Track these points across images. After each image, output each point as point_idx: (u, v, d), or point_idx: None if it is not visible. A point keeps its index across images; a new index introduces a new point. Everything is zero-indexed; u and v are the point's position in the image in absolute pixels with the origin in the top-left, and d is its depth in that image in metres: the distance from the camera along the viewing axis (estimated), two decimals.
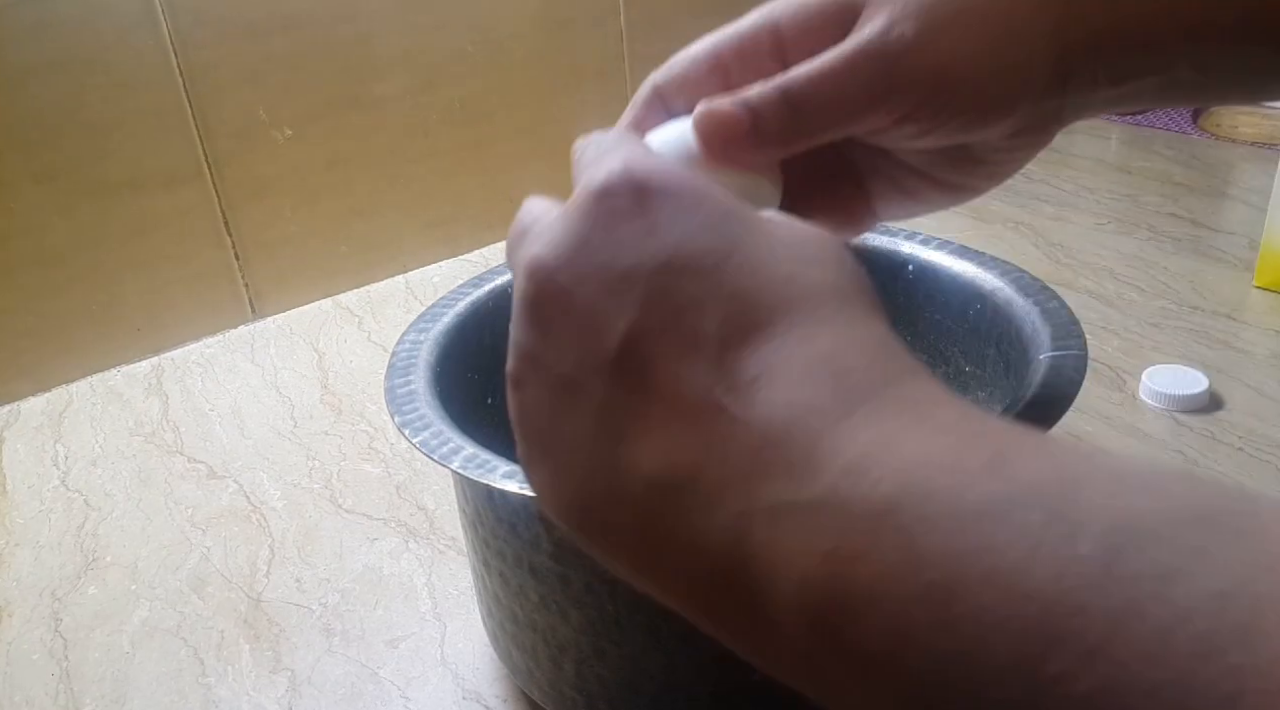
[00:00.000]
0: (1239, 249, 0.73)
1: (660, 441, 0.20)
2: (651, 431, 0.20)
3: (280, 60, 0.71)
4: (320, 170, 0.76)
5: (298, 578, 0.49)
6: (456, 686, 0.42)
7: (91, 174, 0.67)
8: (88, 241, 0.68)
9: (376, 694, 0.42)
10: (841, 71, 0.27)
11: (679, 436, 0.20)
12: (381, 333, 0.73)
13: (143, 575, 0.50)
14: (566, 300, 0.22)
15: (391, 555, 0.50)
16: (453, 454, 0.32)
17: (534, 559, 0.33)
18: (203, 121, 0.70)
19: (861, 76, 0.27)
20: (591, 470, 0.21)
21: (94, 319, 0.70)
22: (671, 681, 0.34)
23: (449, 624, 0.45)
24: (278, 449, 0.60)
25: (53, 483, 0.59)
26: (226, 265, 0.74)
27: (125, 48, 0.65)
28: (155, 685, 0.44)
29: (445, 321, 0.42)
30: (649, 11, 0.86)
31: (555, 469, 0.22)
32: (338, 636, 0.45)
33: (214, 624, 0.47)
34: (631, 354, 0.21)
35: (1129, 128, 1.01)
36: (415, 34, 0.77)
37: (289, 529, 0.53)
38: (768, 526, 0.18)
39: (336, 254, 0.79)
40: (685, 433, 0.20)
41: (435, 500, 0.54)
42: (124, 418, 0.65)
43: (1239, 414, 0.55)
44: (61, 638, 0.47)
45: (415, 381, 0.37)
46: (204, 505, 0.55)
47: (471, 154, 0.83)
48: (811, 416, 0.18)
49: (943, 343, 0.44)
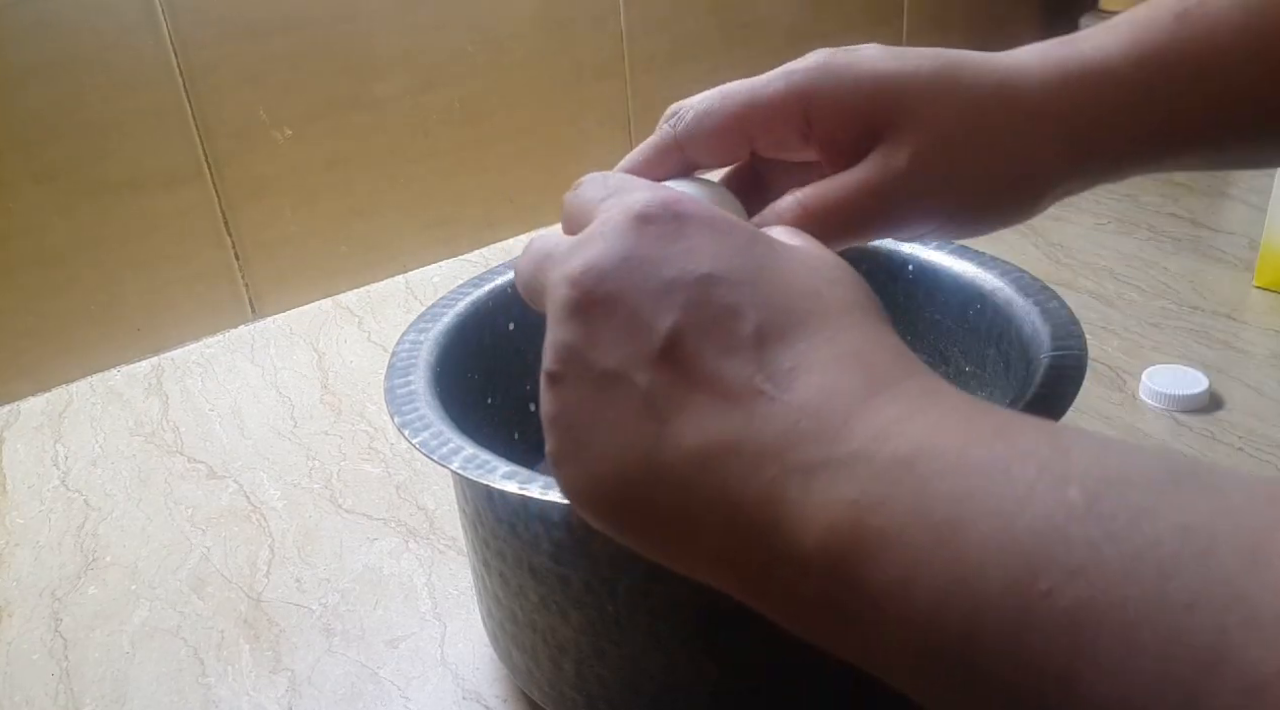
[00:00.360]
0: (1239, 249, 0.73)
1: (703, 420, 0.22)
2: (694, 413, 0.22)
3: (280, 60, 0.71)
4: (320, 170, 0.76)
5: (298, 578, 0.49)
6: (456, 687, 0.42)
7: (91, 174, 0.67)
8: (87, 241, 0.68)
9: (376, 694, 0.42)
10: (854, 202, 0.30)
11: (721, 416, 0.22)
12: (381, 333, 0.73)
13: (143, 575, 0.50)
14: (613, 303, 0.23)
15: (391, 555, 0.50)
16: (452, 454, 0.32)
17: (534, 559, 0.33)
18: (203, 121, 0.70)
19: (873, 210, 0.31)
20: (633, 451, 0.23)
21: (94, 319, 0.70)
22: (671, 681, 0.34)
23: (449, 624, 0.45)
24: (278, 449, 0.60)
25: (53, 483, 0.59)
26: (226, 265, 0.74)
27: (125, 48, 0.65)
28: (155, 685, 0.44)
29: (445, 321, 0.42)
30: (649, 11, 0.86)
31: (594, 457, 0.23)
32: (338, 636, 0.45)
33: (214, 624, 0.47)
34: (675, 349, 0.22)
35: None
36: (415, 34, 0.77)
37: (289, 529, 0.53)
38: (800, 484, 0.20)
39: (336, 254, 0.79)
40: (727, 413, 0.22)
41: (435, 500, 0.54)
42: (124, 418, 0.65)
43: (1239, 414, 0.55)
44: (61, 638, 0.47)
45: (415, 381, 0.37)
46: (204, 505, 0.55)
47: (471, 154, 0.83)
48: (842, 397, 0.21)
49: (943, 343, 0.44)
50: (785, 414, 0.21)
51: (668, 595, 0.32)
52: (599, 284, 0.23)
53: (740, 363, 0.22)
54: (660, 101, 0.32)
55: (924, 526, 0.18)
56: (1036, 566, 0.16)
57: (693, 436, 0.22)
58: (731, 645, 0.33)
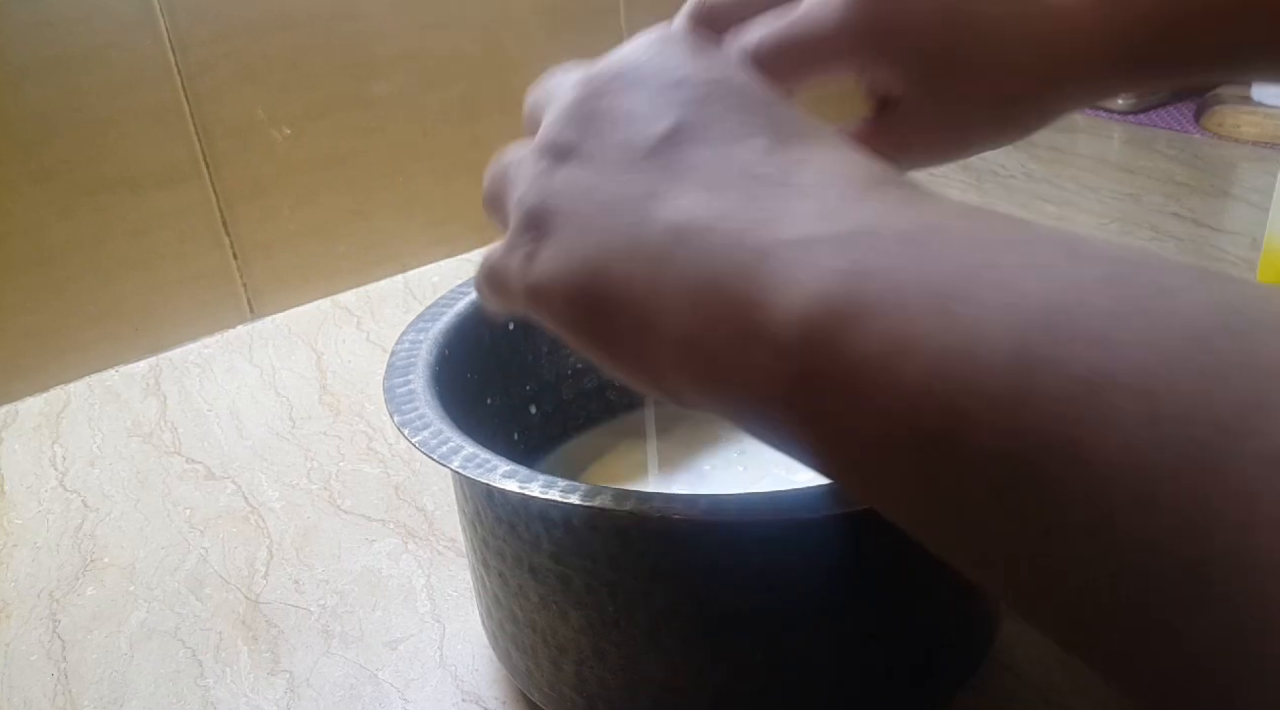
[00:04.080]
0: (1241, 248, 0.73)
1: (692, 196, 0.21)
2: (684, 192, 0.21)
3: (279, 59, 0.71)
4: (319, 169, 0.76)
5: (296, 579, 0.49)
6: (456, 688, 0.42)
7: (89, 173, 0.67)
8: (85, 241, 0.68)
9: (375, 695, 0.42)
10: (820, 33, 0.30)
11: (712, 193, 0.20)
12: (380, 333, 0.73)
13: (141, 576, 0.50)
14: (616, 99, 0.22)
15: (390, 556, 0.50)
16: (452, 454, 0.32)
17: (533, 559, 0.33)
18: (201, 120, 0.70)
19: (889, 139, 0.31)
20: (613, 227, 0.21)
21: (91, 319, 0.70)
22: (671, 682, 0.34)
23: (448, 625, 0.45)
24: (276, 449, 0.60)
25: (50, 483, 0.59)
26: (225, 265, 0.74)
27: (123, 47, 0.65)
28: (153, 686, 0.43)
29: (444, 321, 0.41)
30: (649, 11, 0.86)
31: (573, 234, 0.22)
32: (336, 638, 0.45)
33: (212, 625, 0.47)
34: (675, 139, 0.21)
35: (1131, 127, 1.00)
36: (415, 34, 0.76)
37: (287, 530, 0.53)
38: (790, 257, 0.19)
39: (335, 254, 0.79)
40: (720, 192, 0.20)
41: (434, 501, 0.54)
42: (122, 418, 0.65)
43: None
44: (59, 639, 0.47)
45: (414, 381, 0.37)
46: (202, 506, 0.55)
47: (471, 154, 0.82)
48: (848, 185, 0.20)
49: None
50: (784, 195, 0.20)
51: (668, 595, 0.32)
52: (608, 83, 0.23)
53: (743, 152, 0.21)
54: None
55: (923, 292, 0.17)
56: (1052, 333, 0.15)
57: (676, 212, 0.20)
58: (731, 645, 0.33)
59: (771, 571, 0.32)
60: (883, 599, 0.33)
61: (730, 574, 0.32)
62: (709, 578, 0.32)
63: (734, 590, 0.32)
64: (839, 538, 0.32)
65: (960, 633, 0.37)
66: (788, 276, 0.18)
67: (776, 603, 0.32)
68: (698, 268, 0.20)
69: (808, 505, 0.28)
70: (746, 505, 0.29)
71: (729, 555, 0.32)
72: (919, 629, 0.35)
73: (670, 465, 0.48)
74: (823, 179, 0.20)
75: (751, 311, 0.19)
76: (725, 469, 0.47)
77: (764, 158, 0.21)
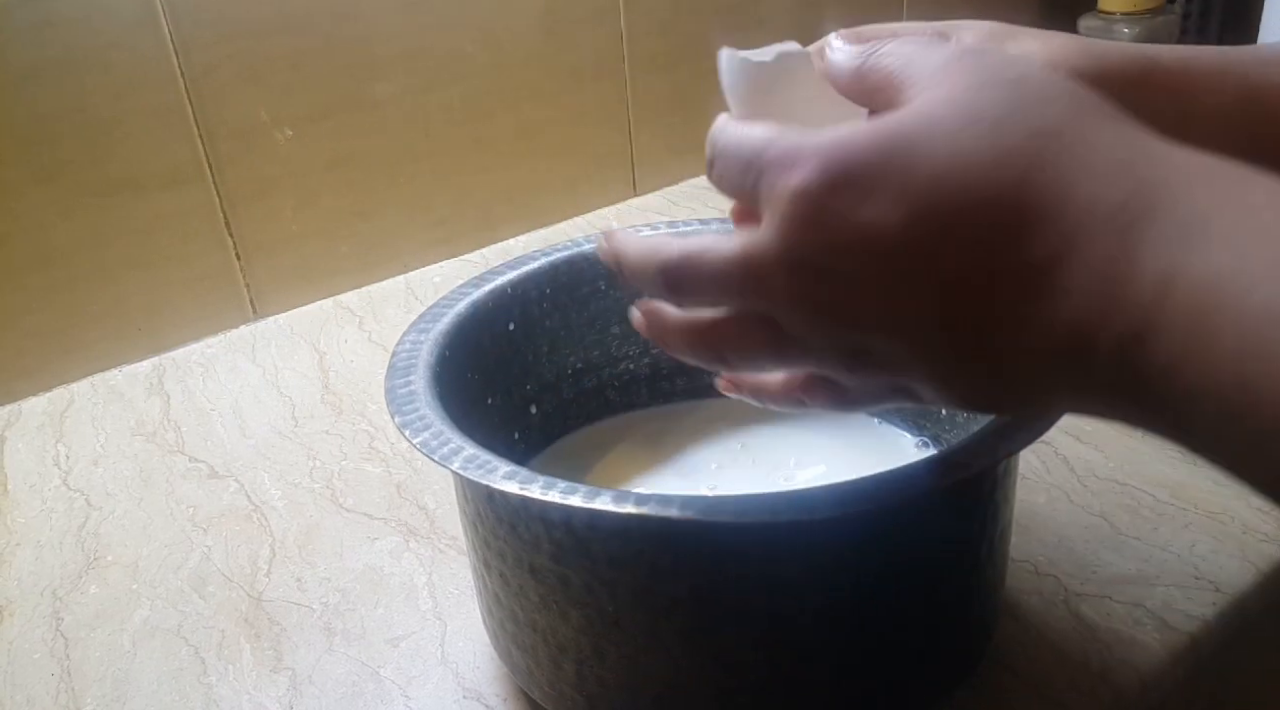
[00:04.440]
0: None
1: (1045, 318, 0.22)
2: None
3: (281, 60, 0.71)
4: (321, 170, 0.76)
5: (298, 577, 0.49)
6: (457, 686, 0.42)
7: (92, 174, 0.67)
8: (89, 242, 0.68)
9: (377, 693, 0.42)
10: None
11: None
12: (382, 333, 0.73)
13: (144, 574, 0.51)
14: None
15: (392, 555, 0.50)
16: (453, 454, 0.32)
17: (534, 559, 0.34)
18: (204, 122, 0.70)
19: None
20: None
21: (95, 319, 0.70)
22: (671, 682, 0.34)
23: (449, 623, 0.45)
24: (278, 448, 0.60)
25: (54, 482, 0.59)
26: (227, 265, 0.74)
27: (126, 48, 0.66)
28: (156, 684, 0.44)
29: (445, 322, 0.42)
30: (649, 11, 0.86)
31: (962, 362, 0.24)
32: (338, 636, 0.45)
33: (215, 623, 0.47)
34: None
35: None
36: (415, 34, 0.77)
37: (290, 528, 0.53)
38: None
39: (337, 254, 0.79)
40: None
41: (436, 500, 0.54)
42: (125, 417, 0.65)
43: None
44: (63, 637, 0.47)
45: (415, 382, 0.37)
46: (205, 505, 0.55)
47: (471, 154, 0.83)
48: (1113, 265, 0.21)
49: None
50: (1059, 306, 0.21)
51: (668, 595, 0.32)
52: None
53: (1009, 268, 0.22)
54: (660, 101, 0.32)
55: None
56: None
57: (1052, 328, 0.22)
58: (732, 645, 0.33)
59: (771, 572, 0.32)
60: (882, 599, 0.34)
61: (730, 574, 0.32)
62: (708, 578, 0.32)
63: (734, 590, 0.32)
64: (838, 538, 0.32)
65: (959, 631, 0.37)
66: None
67: (776, 603, 0.32)
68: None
69: (807, 506, 0.29)
70: (746, 506, 0.29)
71: (728, 556, 0.32)
72: (918, 628, 0.35)
73: (671, 464, 0.48)
74: (1087, 281, 0.21)
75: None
76: (731, 466, 0.47)
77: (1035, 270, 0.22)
